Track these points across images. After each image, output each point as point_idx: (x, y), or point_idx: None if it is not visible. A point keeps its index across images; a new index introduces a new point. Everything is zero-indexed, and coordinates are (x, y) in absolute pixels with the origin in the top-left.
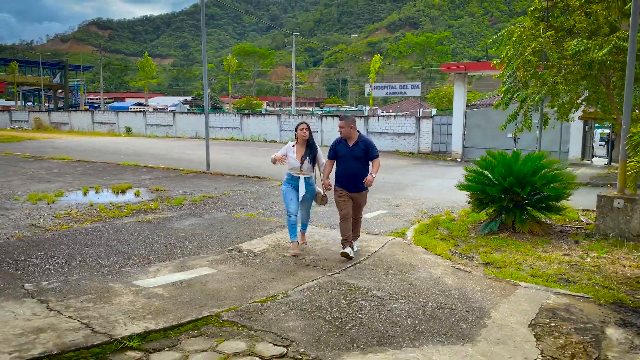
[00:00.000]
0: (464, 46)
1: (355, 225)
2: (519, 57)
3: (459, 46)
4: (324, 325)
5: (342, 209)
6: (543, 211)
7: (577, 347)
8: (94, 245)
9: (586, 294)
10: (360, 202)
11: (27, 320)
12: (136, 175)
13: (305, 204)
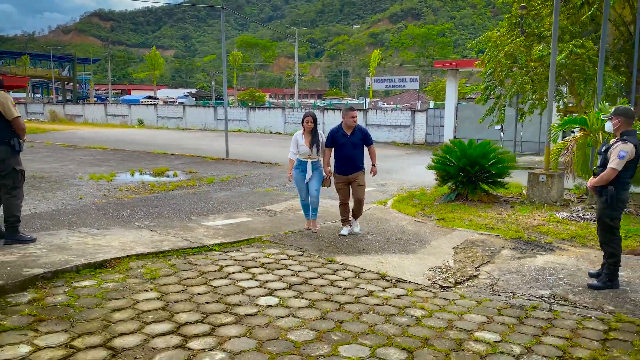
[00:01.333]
0: (465, 38)
1: (358, 205)
2: (493, 59)
3: (461, 37)
4: (325, 244)
5: (341, 195)
6: (490, 185)
7: (477, 257)
8: (161, 206)
9: (497, 233)
10: (359, 181)
11: (150, 237)
12: (168, 161)
13: (313, 184)
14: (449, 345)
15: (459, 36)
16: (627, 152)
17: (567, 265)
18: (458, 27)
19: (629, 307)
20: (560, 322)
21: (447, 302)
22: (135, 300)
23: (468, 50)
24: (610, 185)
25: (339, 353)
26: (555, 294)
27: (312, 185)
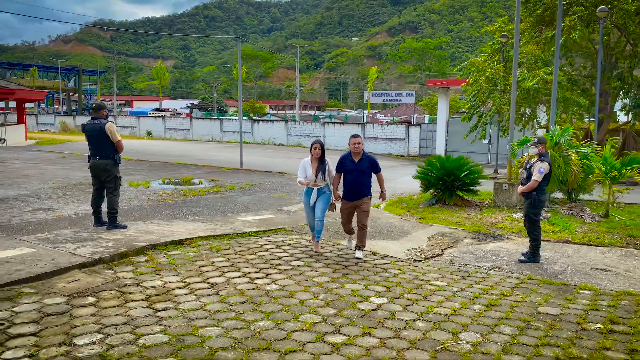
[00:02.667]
0: (463, 51)
1: (361, 235)
2: (476, 83)
3: (458, 50)
4: (332, 233)
5: (343, 218)
6: (464, 192)
7: (444, 243)
8: (200, 207)
9: (462, 227)
10: (363, 207)
11: (204, 226)
12: (190, 171)
13: (319, 208)
14: (414, 286)
15: (456, 49)
16: (544, 168)
17: (509, 249)
18: (455, 40)
19: (540, 272)
20: (490, 279)
21: (416, 268)
22: (211, 262)
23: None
24: (534, 192)
25: (344, 286)
26: (494, 265)
27: (318, 207)
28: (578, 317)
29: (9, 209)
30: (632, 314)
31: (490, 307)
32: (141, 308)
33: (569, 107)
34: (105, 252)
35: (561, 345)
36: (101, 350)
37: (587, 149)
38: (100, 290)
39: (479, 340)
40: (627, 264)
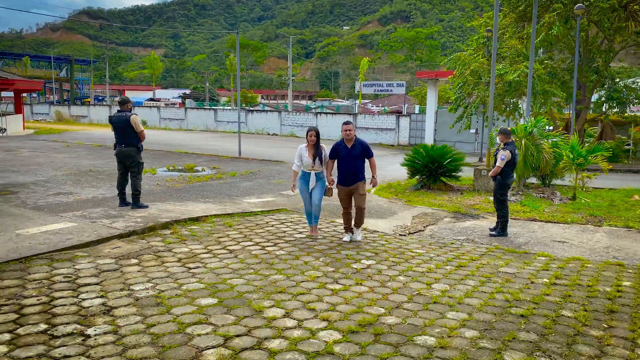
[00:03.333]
0: (454, 40)
1: (359, 214)
2: (462, 75)
3: (449, 40)
4: (328, 213)
5: (343, 205)
6: (447, 177)
7: (426, 221)
8: (207, 191)
9: (443, 208)
10: (359, 191)
11: (215, 207)
12: (192, 159)
13: (316, 194)
14: (398, 253)
15: (447, 39)
16: (505, 156)
17: (483, 226)
18: (446, 29)
19: (507, 243)
20: (463, 249)
21: (401, 240)
22: (226, 234)
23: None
24: (499, 175)
25: (340, 252)
26: (468, 238)
27: (315, 194)
28: (530, 274)
29: (32, 193)
30: (575, 273)
31: (459, 268)
32: (177, 267)
33: (548, 99)
34: (136, 225)
35: (511, 292)
36: (155, 293)
37: (557, 138)
38: (139, 254)
39: (447, 289)
40: (582, 237)
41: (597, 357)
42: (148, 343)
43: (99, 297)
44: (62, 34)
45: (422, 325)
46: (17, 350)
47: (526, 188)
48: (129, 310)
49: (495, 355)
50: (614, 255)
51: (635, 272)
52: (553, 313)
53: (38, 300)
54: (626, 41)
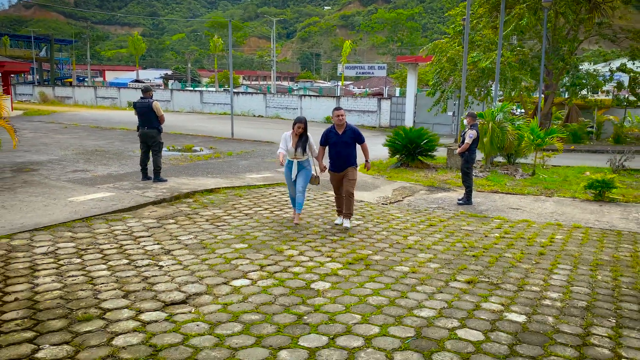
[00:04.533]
0: (435, 22)
1: (348, 202)
2: (439, 62)
3: (430, 22)
4: (322, 187)
5: (335, 189)
6: (423, 156)
7: (405, 193)
8: (210, 168)
9: (420, 183)
10: (349, 176)
11: (223, 181)
12: (188, 140)
13: (300, 182)
14: (380, 216)
15: (428, 20)
16: (473, 134)
17: (452, 197)
18: (427, 11)
19: (471, 210)
20: (434, 213)
21: (383, 208)
22: (239, 202)
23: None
24: (466, 152)
25: (334, 215)
26: (439, 206)
27: (299, 182)
28: (485, 231)
29: (52, 170)
30: (522, 230)
31: (429, 226)
32: (207, 225)
33: (518, 84)
34: (164, 195)
35: (468, 242)
36: (198, 241)
37: (520, 121)
38: (174, 216)
39: (419, 239)
40: (534, 205)
41: (522, 279)
42: (206, 269)
43: (156, 244)
44: (36, 11)
45: (399, 260)
46: (117, 273)
47: (493, 166)
48: (183, 252)
49: (451, 277)
50: (556, 218)
51: (569, 230)
52: (497, 254)
53: (111, 246)
54: (589, 32)
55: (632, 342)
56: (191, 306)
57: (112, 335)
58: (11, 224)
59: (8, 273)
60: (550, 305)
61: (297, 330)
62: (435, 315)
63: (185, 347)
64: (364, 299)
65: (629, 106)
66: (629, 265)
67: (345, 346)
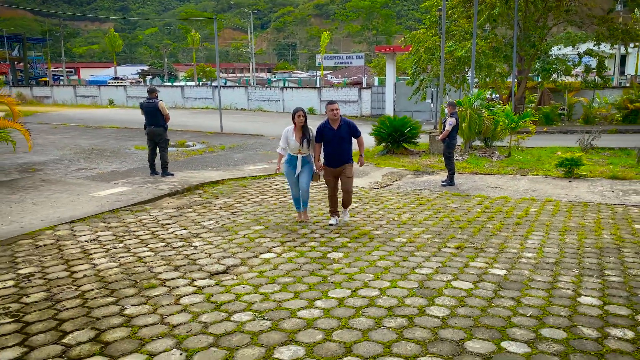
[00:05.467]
0: (408, 8)
1: (347, 196)
2: (417, 52)
3: (404, 9)
4: None
5: (329, 187)
6: (407, 143)
7: (393, 178)
8: (209, 162)
9: (406, 168)
10: (347, 174)
11: (225, 173)
12: (179, 136)
13: (303, 178)
14: (374, 198)
15: (402, 7)
16: (452, 122)
17: (437, 179)
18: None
19: (454, 190)
20: (421, 194)
21: (376, 191)
22: (245, 191)
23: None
24: (447, 138)
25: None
26: (425, 188)
27: (303, 179)
28: (468, 207)
29: (56, 169)
30: (500, 205)
31: (419, 205)
32: (222, 212)
33: (492, 71)
34: (176, 187)
35: (454, 217)
36: (219, 225)
37: (495, 107)
38: (190, 205)
39: (411, 217)
40: (510, 183)
41: (502, 244)
42: (235, 247)
43: (183, 230)
44: (2, 9)
45: (397, 234)
46: (160, 253)
47: (472, 149)
48: (210, 234)
49: (442, 244)
50: (530, 194)
51: (541, 203)
52: (480, 226)
53: (144, 233)
54: (558, 18)
55: (590, 285)
56: (232, 275)
57: (178, 297)
58: (49, 218)
59: (66, 257)
60: (526, 262)
61: (325, 287)
62: (433, 272)
63: (240, 302)
64: (373, 263)
65: (597, 88)
66: (592, 230)
67: (365, 295)
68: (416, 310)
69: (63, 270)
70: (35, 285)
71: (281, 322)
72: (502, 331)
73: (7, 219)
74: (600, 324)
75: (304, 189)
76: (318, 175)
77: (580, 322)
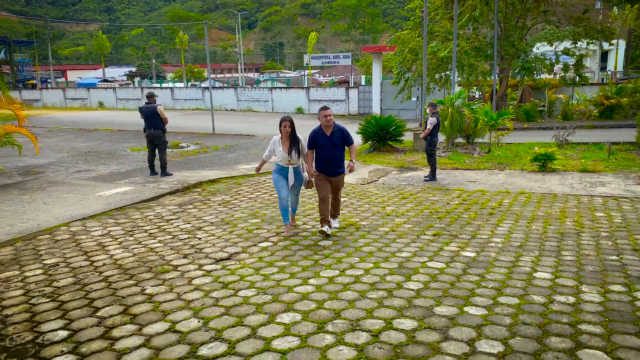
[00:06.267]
0: (394, 7)
1: (336, 205)
2: (402, 53)
3: (390, 7)
4: None
5: (321, 192)
6: (393, 141)
7: (379, 174)
8: (204, 162)
9: (391, 165)
10: (339, 185)
11: (221, 172)
12: (172, 137)
13: (294, 190)
14: (361, 193)
15: (387, 5)
16: (433, 121)
17: (420, 175)
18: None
19: (435, 184)
20: (405, 189)
21: (362, 187)
22: (241, 189)
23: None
24: (428, 136)
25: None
26: (409, 183)
27: (294, 191)
28: (447, 200)
29: (56, 172)
30: (477, 198)
31: (402, 199)
32: (221, 207)
33: (474, 70)
34: (176, 186)
35: (434, 209)
36: (219, 219)
37: (475, 105)
38: (191, 202)
39: (394, 209)
40: (488, 178)
41: (474, 231)
42: (236, 237)
43: (187, 224)
44: None
45: (381, 224)
46: (168, 244)
47: (454, 146)
48: (212, 227)
49: (421, 232)
50: (505, 187)
51: (515, 195)
52: (456, 216)
53: (152, 227)
54: (536, 19)
55: (546, 263)
56: (235, 260)
57: (189, 279)
58: (62, 215)
59: (84, 249)
60: (494, 246)
61: (317, 269)
62: (411, 256)
63: (244, 281)
64: (359, 248)
65: (576, 85)
66: (557, 218)
67: (352, 275)
68: (395, 285)
69: (84, 260)
70: (62, 272)
71: (280, 295)
72: (466, 299)
73: (23, 218)
74: (549, 293)
75: (293, 200)
76: (311, 182)
77: (532, 292)
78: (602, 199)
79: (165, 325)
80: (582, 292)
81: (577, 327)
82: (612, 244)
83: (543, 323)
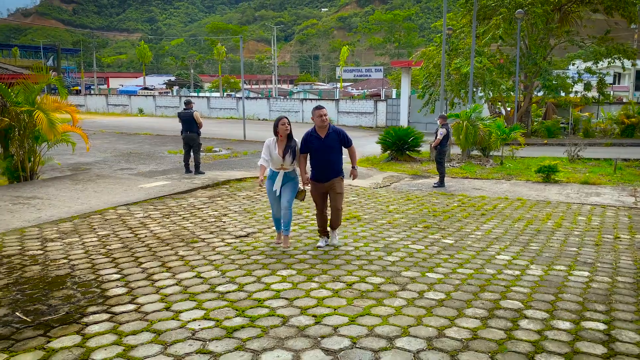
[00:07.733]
0: (431, 21)
1: (336, 215)
2: (427, 68)
3: (427, 21)
4: None
5: (317, 204)
6: (410, 151)
7: (392, 180)
8: (233, 164)
9: (405, 172)
10: (336, 189)
11: (248, 173)
12: (207, 142)
13: (287, 196)
14: (370, 195)
15: (424, 20)
16: (442, 132)
17: (430, 182)
18: (424, 10)
19: (444, 190)
20: (413, 192)
21: (375, 191)
22: (263, 187)
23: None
24: (438, 146)
25: None
26: (418, 189)
27: (284, 196)
28: (447, 202)
29: (102, 169)
30: (476, 202)
31: (407, 200)
32: (244, 200)
33: (496, 87)
34: (208, 182)
35: (433, 209)
36: (243, 209)
37: (488, 120)
38: (219, 195)
39: (397, 207)
40: (493, 186)
41: (461, 226)
42: (254, 221)
43: (215, 212)
44: (35, 19)
45: (380, 218)
46: (199, 224)
47: (469, 158)
48: (236, 216)
49: (414, 225)
50: (506, 194)
51: (511, 201)
52: (450, 215)
53: (185, 213)
54: (559, 39)
55: (511, 250)
56: (252, 237)
57: (214, 247)
58: (110, 201)
59: (129, 226)
60: (472, 237)
61: (313, 243)
62: (398, 240)
63: (256, 251)
64: (355, 233)
65: (600, 104)
66: (541, 220)
67: (344, 249)
68: (376, 258)
69: (129, 233)
70: (113, 240)
71: (283, 260)
72: (430, 269)
73: (79, 202)
74: (501, 268)
75: (285, 206)
76: (304, 192)
77: (487, 267)
78: (591, 207)
79: (192, 274)
80: (529, 268)
81: (510, 289)
82: (579, 240)
83: (484, 285)
